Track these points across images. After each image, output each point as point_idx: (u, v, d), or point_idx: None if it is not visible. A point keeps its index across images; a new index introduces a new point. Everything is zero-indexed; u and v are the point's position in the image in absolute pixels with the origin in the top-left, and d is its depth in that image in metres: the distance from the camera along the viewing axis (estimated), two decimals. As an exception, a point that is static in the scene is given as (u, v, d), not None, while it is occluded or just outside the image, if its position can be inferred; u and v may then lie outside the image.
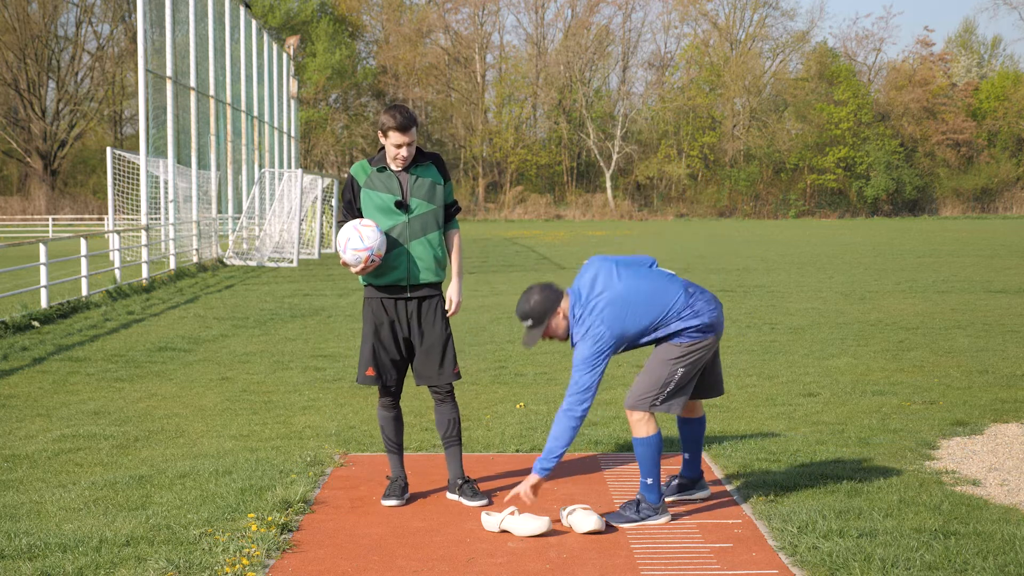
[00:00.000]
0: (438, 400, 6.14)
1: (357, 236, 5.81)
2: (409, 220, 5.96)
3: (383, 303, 6.03)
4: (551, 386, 9.85)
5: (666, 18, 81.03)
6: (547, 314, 5.73)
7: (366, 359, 6.04)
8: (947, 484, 6.40)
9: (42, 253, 16.36)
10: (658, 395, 5.72)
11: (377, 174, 5.99)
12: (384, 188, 5.96)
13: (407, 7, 77.85)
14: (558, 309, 5.75)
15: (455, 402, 6.16)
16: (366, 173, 6.01)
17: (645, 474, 5.75)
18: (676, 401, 5.77)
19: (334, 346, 12.68)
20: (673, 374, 5.72)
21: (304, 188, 32.16)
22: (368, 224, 5.86)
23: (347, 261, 5.87)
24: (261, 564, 5.09)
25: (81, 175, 67.08)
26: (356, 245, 5.81)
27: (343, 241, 5.84)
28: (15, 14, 61.77)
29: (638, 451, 5.76)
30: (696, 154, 73.98)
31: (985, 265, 25.99)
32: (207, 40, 30.60)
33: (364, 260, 5.83)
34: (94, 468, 6.93)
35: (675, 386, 5.74)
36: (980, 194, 75.20)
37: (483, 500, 6.09)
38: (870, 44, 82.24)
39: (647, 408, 5.74)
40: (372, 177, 5.99)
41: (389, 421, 6.15)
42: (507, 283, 21.44)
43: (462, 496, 6.13)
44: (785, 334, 13.51)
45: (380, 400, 6.15)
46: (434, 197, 6.02)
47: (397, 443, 6.18)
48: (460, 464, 6.19)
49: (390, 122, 5.83)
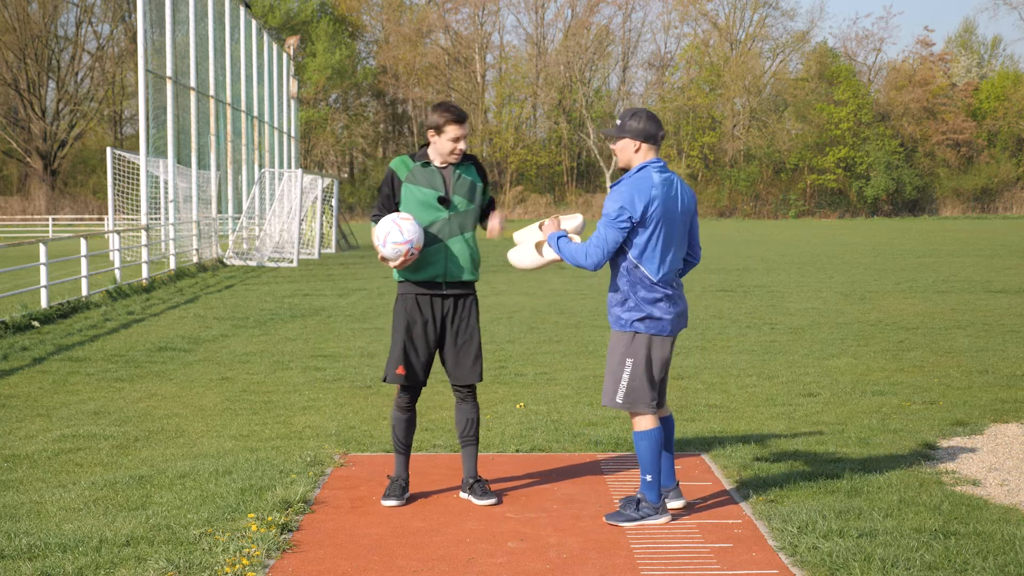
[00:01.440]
0: (460, 398, 6.14)
1: (396, 229, 5.78)
2: (450, 217, 5.97)
3: (417, 300, 6.01)
4: (551, 386, 9.85)
5: (666, 18, 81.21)
6: (635, 134, 5.68)
7: (396, 357, 6.01)
8: (947, 484, 6.40)
9: (42, 253, 16.36)
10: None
11: (420, 169, 5.99)
12: (427, 183, 5.96)
13: (407, 7, 77.87)
14: (640, 143, 5.70)
15: (476, 402, 6.17)
16: (408, 168, 6.00)
17: (645, 471, 5.74)
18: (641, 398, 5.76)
19: (334, 346, 12.67)
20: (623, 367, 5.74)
21: (304, 188, 32.17)
22: (406, 217, 5.84)
23: (386, 255, 5.83)
24: (261, 564, 5.09)
25: (81, 175, 67.09)
26: (396, 238, 5.77)
27: (382, 235, 5.80)
28: (15, 14, 61.79)
29: (638, 446, 5.75)
30: (696, 154, 73.98)
31: (985, 265, 25.99)
32: (207, 40, 30.59)
33: (404, 254, 5.80)
34: (94, 468, 6.93)
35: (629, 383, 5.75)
36: (980, 194, 75.21)
37: (492, 499, 6.08)
38: (870, 44, 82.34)
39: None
40: (415, 172, 5.99)
41: (402, 422, 6.13)
42: (507, 283, 21.45)
43: (472, 495, 6.13)
44: (785, 334, 13.51)
45: (398, 400, 6.12)
46: (474, 197, 6.04)
47: (406, 444, 6.17)
48: (475, 463, 6.19)
49: (447, 115, 5.86)
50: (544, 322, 14.83)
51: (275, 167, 40.10)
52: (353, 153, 75.66)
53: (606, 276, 23.18)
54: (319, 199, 33.95)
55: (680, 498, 6.04)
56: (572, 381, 10.10)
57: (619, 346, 5.74)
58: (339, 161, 75.05)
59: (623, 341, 5.73)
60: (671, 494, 6.04)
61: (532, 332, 13.77)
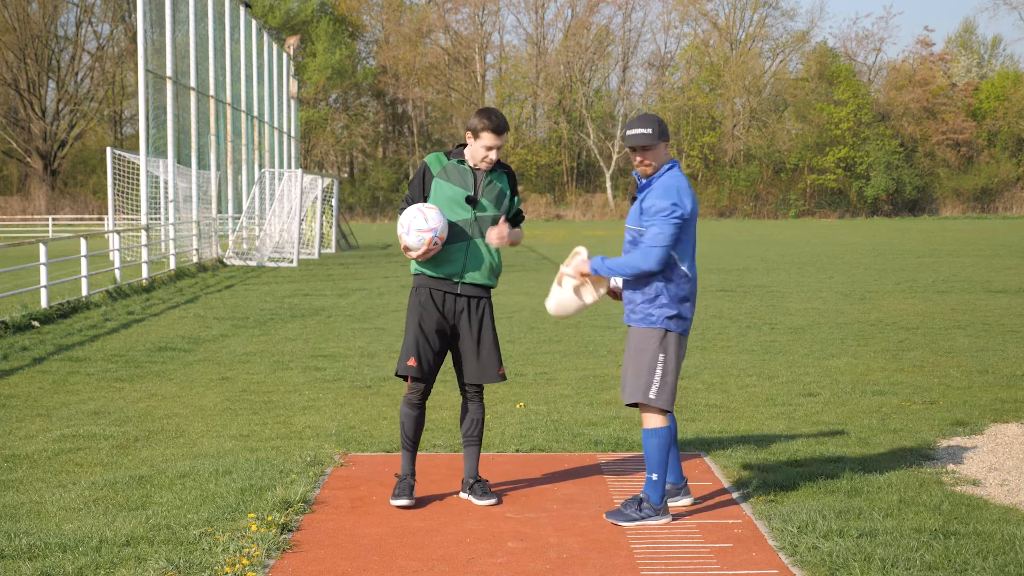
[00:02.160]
0: (469, 398, 6.14)
1: (421, 217, 5.78)
2: (476, 218, 5.98)
3: (431, 294, 6.01)
4: (551, 386, 9.85)
5: (666, 18, 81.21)
6: (664, 137, 5.72)
7: (409, 348, 6.00)
8: (947, 484, 6.40)
9: (42, 253, 16.36)
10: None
11: (454, 166, 6.00)
12: (458, 181, 5.97)
13: (407, 7, 77.88)
14: (666, 144, 5.76)
15: (483, 403, 6.18)
16: (441, 164, 6.02)
17: (652, 469, 5.75)
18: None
19: (334, 346, 12.67)
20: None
21: (304, 188, 32.17)
22: (431, 207, 5.85)
23: (409, 244, 5.82)
24: (261, 564, 5.09)
25: (81, 175, 67.10)
26: (420, 225, 5.77)
27: (406, 223, 5.80)
28: (15, 14, 61.80)
29: (648, 444, 5.75)
30: (696, 154, 73.99)
31: (985, 265, 25.99)
32: (207, 40, 30.59)
33: (427, 242, 5.79)
34: (94, 468, 6.93)
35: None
36: (980, 194, 75.21)
37: (492, 499, 6.08)
38: (870, 44, 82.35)
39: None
40: (447, 168, 6.00)
41: (411, 419, 6.11)
42: (507, 283, 21.44)
43: (472, 495, 6.12)
44: (785, 334, 13.50)
45: (408, 395, 6.09)
46: (501, 205, 6.04)
47: (414, 441, 6.14)
48: (476, 464, 6.19)
49: (485, 122, 5.87)
50: (544, 322, 14.83)
51: (275, 167, 40.10)
52: (353, 153, 75.66)
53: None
54: (319, 199, 33.95)
55: (688, 495, 6.09)
56: (572, 381, 10.10)
57: (650, 342, 5.75)
58: (339, 161, 75.06)
59: (654, 337, 5.74)
60: (681, 491, 6.09)
61: (532, 332, 13.77)
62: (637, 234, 5.76)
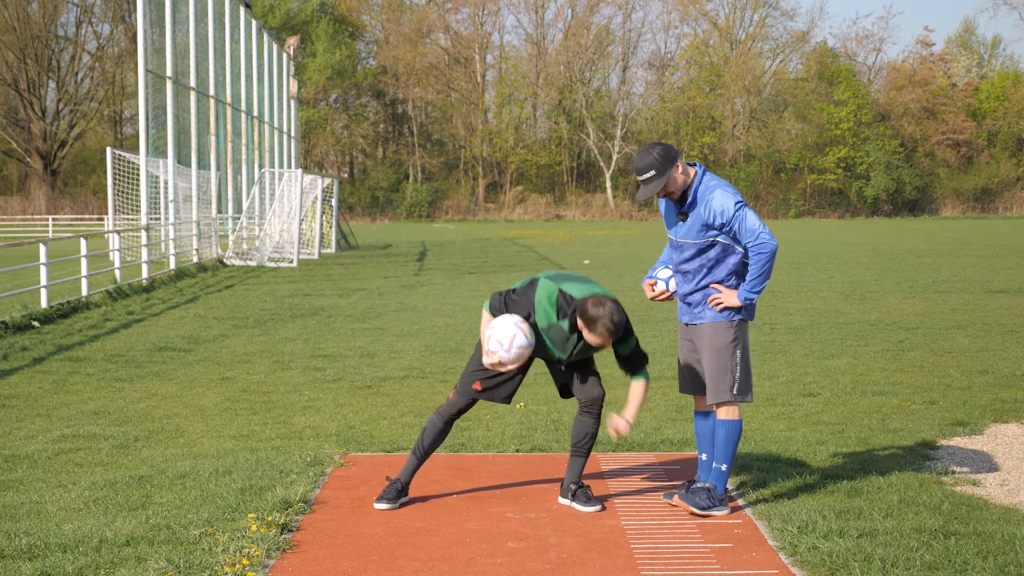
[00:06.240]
0: (585, 411, 6.08)
1: (523, 335, 5.74)
2: (564, 367, 6.08)
3: None
4: (551, 386, 9.84)
5: (666, 18, 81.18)
6: (670, 164, 5.72)
7: (478, 372, 6.01)
8: (947, 484, 6.40)
9: (42, 253, 16.36)
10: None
11: (557, 326, 5.85)
12: (558, 344, 5.90)
13: (407, 7, 77.85)
14: (677, 163, 5.76)
15: (599, 418, 6.09)
16: (550, 322, 5.86)
17: (722, 460, 5.85)
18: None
19: (334, 346, 12.67)
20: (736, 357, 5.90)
21: (304, 188, 32.17)
22: (524, 321, 5.81)
23: (505, 360, 5.74)
24: (261, 564, 5.09)
25: (81, 175, 67.08)
26: (521, 343, 5.73)
27: (507, 338, 5.72)
28: (15, 14, 61.76)
29: (722, 435, 5.85)
30: (696, 154, 73.94)
31: (985, 265, 25.99)
32: (207, 40, 30.59)
33: (524, 358, 5.80)
34: (94, 468, 6.93)
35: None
36: (980, 194, 75.18)
37: (597, 506, 6.00)
38: (870, 44, 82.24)
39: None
40: (552, 329, 5.86)
41: (436, 431, 6.09)
42: (507, 283, 21.44)
43: (575, 501, 6.07)
44: (785, 334, 13.50)
45: (447, 408, 6.07)
46: (587, 353, 6.00)
47: (427, 453, 6.13)
48: (580, 472, 6.12)
49: (602, 331, 5.67)
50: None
51: (275, 167, 40.10)
52: (353, 153, 75.63)
53: (606, 278, 23.20)
54: (319, 199, 33.96)
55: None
56: (572, 381, 10.09)
57: (725, 337, 5.83)
58: (339, 161, 75.04)
59: (729, 331, 5.83)
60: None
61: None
62: (696, 248, 5.82)
